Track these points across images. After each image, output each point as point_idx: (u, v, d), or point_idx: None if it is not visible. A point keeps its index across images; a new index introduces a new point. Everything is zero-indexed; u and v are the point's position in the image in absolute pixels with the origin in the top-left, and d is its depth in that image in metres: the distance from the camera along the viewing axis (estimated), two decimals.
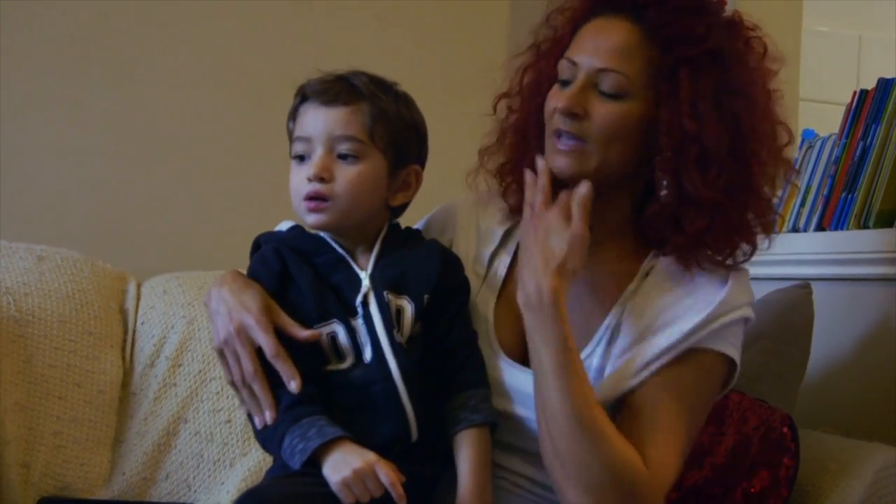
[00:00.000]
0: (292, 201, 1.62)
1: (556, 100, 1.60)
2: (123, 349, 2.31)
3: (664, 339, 1.55)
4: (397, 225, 1.69)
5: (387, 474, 1.43)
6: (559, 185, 1.61)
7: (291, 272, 1.58)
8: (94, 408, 2.22)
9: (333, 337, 1.55)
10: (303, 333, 1.54)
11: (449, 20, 2.97)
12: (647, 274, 1.64)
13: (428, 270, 1.61)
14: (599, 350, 1.61)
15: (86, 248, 2.41)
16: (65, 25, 2.63)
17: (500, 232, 1.76)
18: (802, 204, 2.41)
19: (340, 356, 1.56)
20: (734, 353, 1.60)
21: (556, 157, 1.60)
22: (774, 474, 1.82)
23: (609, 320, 1.62)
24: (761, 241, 1.63)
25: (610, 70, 1.56)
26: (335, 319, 1.56)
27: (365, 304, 1.56)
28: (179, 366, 2.29)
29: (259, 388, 1.53)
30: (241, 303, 1.55)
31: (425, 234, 1.78)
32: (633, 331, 1.59)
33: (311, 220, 1.59)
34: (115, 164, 2.66)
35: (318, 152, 1.58)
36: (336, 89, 1.60)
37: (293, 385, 1.50)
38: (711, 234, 1.57)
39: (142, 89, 2.69)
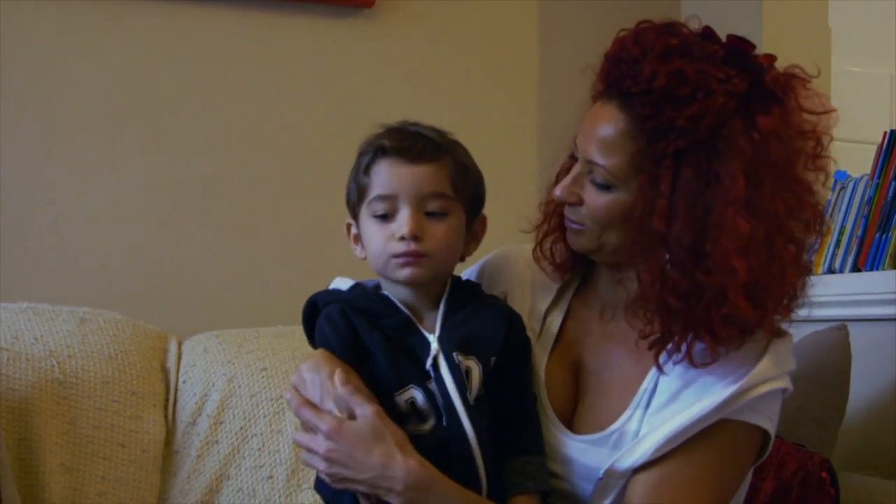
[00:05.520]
0: (375, 259, 1.58)
1: (557, 186, 1.62)
2: (166, 408, 2.34)
3: (696, 410, 1.52)
4: (458, 279, 1.67)
5: None
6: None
7: (363, 338, 1.56)
8: (138, 467, 2.24)
9: (413, 402, 1.54)
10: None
11: (479, 74, 3.00)
12: None
13: (494, 332, 1.59)
14: (638, 414, 1.59)
15: (127, 310, 2.44)
16: (101, 92, 2.68)
17: (554, 287, 1.75)
18: (837, 245, 2.40)
19: (422, 419, 1.54)
20: (768, 424, 1.56)
21: (567, 234, 1.65)
22: None
23: (647, 383, 1.60)
24: (777, 321, 1.55)
25: (597, 164, 1.55)
26: (412, 385, 1.54)
27: (435, 366, 1.54)
28: (221, 423, 2.31)
29: None
30: (349, 395, 1.51)
31: (480, 282, 1.76)
32: (669, 390, 1.56)
33: (404, 273, 1.55)
34: (153, 227, 2.70)
35: (407, 211, 1.55)
36: (419, 146, 1.57)
37: None
38: (669, 336, 1.53)
39: (177, 152, 2.72)
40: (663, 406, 1.56)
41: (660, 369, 1.56)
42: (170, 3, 2.73)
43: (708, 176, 1.48)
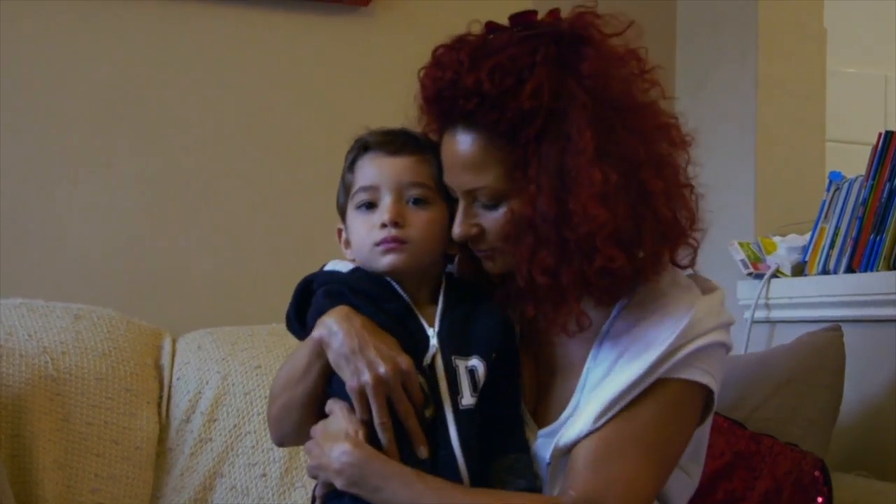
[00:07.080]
0: (359, 250, 1.61)
1: (454, 226, 1.60)
2: (159, 405, 2.34)
3: (628, 375, 1.52)
4: (451, 275, 1.68)
5: None
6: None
7: (366, 315, 1.56)
8: (132, 464, 2.24)
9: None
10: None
11: None
12: (621, 310, 1.60)
13: (494, 331, 1.59)
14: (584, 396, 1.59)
15: (121, 306, 2.44)
16: (95, 88, 2.68)
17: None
18: (832, 246, 2.40)
19: (425, 405, 1.54)
20: (707, 378, 1.54)
21: (482, 261, 1.62)
22: None
23: (588, 363, 1.59)
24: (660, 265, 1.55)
25: (476, 188, 1.56)
26: (416, 370, 1.54)
27: (432, 366, 1.55)
28: (214, 420, 2.31)
29: (414, 428, 1.52)
30: (388, 346, 1.53)
31: None
32: (605, 364, 1.57)
33: (386, 261, 1.57)
34: (148, 223, 2.70)
35: (388, 199, 1.58)
36: (401, 140, 1.62)
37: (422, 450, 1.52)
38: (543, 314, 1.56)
39: (172, 149, 2.73)
40: (600, 380, 1.56)
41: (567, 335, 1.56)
42: (164, 0, 2.73)
43: (561, 140, 1.49)
